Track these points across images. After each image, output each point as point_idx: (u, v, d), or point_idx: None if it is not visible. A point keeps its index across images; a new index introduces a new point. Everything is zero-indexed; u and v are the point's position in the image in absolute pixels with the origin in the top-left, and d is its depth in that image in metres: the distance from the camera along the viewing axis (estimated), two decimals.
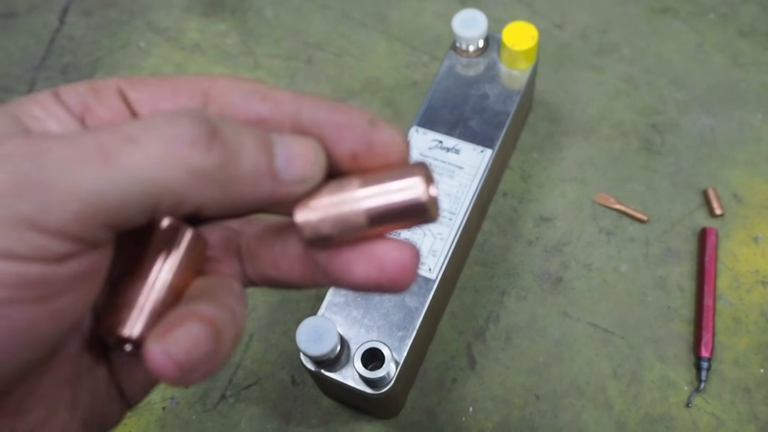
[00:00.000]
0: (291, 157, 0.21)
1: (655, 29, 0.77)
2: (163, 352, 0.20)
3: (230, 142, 0.20)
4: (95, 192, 0.18)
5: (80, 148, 0.19)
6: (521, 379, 0.61)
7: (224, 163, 0.20)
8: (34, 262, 0.18)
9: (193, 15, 0.81)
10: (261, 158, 0.21)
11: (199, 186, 0.19)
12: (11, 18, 0.81)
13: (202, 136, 0.19)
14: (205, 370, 0.21)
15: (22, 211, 0.18)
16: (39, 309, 0.19)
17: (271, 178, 0.21)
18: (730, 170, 0.69)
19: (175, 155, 0.19)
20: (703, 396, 0.60)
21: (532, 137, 0.72)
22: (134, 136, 0.19)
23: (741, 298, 0.64)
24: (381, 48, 0.78)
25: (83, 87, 0.22)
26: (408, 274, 0.23)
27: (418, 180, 0.21)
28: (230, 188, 0.20)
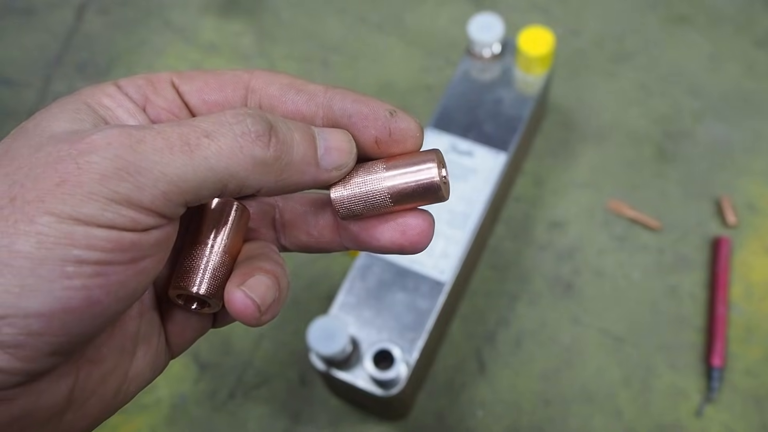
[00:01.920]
0: (329, 148, 0.25)
1: (671, 38, 0.77)
2: (244, 296, 0.25)
3: (284, 138, 0.24)
4: (179, 176, 0.22)
5: (168, 140, 0.22)
6: (531, 384, 0.61)
7: (280, 154, 0.24)
8: (127, 232, 0.22)
9: (209, 15, 0.81)
10: (307, 150, 0.25)
11: (259, 173, 0.24)
12: (30, 15, 0.82)
13: (263, 132, 0.23)
14: (273, 312, 0.25)
15: (121, 191, 0.22)
16: (128, 269, 0.22)
17: (314, 166, 0.25)
18: (744, 179, 0.69)
19: (242, 148, 0.23)
20: (714, 405, 0.60)
21: (546, 142, 0.72)
22: (210, 131, 0.23)
23: (754, 307, 0.63)
24: (396, 51, 0.78)
25: (142, 80, 0.26)
26: (426, 237, 0.26)
27: (433, 164, 0.25)
28: (283, 174, 0.24)
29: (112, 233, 0.22)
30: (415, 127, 0.26)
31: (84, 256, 0.21)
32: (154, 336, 0.27)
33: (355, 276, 0.57)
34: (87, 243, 0.21)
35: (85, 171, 0.21)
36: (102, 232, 0.21)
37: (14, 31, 0.81)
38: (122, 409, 0.27)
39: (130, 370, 0.26)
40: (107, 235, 0.22)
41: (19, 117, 0.76)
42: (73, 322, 0.22)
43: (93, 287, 0.22)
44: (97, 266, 0.22)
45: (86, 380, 0.24)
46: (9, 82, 0.78)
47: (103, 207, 0.21)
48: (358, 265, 0.57)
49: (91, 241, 0.21)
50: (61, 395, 0.23)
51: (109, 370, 0.25)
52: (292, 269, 0.66)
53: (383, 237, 0.26)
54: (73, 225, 0.21)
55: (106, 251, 0.22)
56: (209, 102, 0.26)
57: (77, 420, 0.25)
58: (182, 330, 0.28)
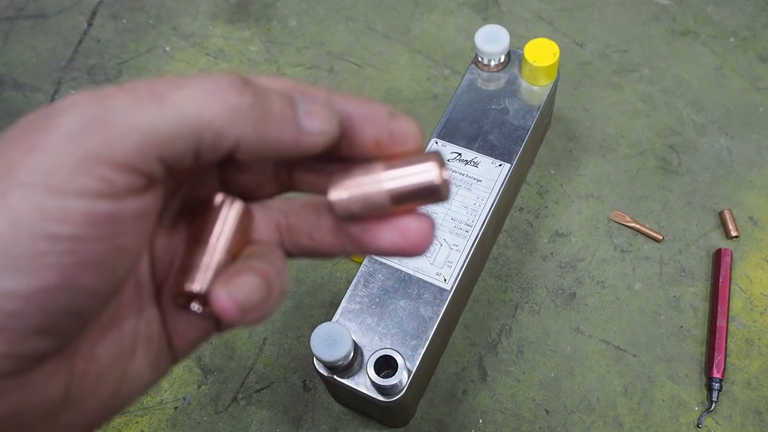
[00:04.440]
0: (310, 112, 0.24)
1: (676, 51, 0.78)
2: (227, 295, 0.24)
3: (260, 90, 0.24)
4: (150, 127, 0.22)
5: (136, 93, 0.22)
6: (532, 393, 0.62)
7: (255, 102, 0.23)
8: (102, 199, 0.21)
9: (218, 22, 0.82)
10: (286, 106, 0.24)
11: (235, 120, 0.23)
12: (41, 19, 0.83)
13: (236, 82, 0.23)
14: (259, 314, 0.25)
15: (89, 147, 0.21)
16: (104, 245, 0.22)
17: (294, 123, 0.24)
18: (747, 193, 0.69)
19: (215, 95, 0.23)
20: (714, 417, 0.60)
21: (550, 153, 0.72)
22: (181, 82, 0.23)
23: (754, 320, 0.64)
24: (403, 60, 0.79)
25: None
26: (426, 240, 0.26)
27: (433, 165, 0.25)
28: (261, 126, 0.23)
29: (85, 203, 0.21)
30: (415, 129, 0.26)
31: (57, 231, 0.21)
32: (155, 336, 0.27)
33: (358, 283, 0.57)
34: (60, 216, 0.21)
35: (52, 134, 0.21)
36: (75, 203, 0.21)
37: (25, 35, 0.82)
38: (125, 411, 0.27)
39: (129, 371, 0.26)
40: (81, 206, 0.21)
41: None
42: (52, 301, 0.21)
43: (68, 265, 0.21)
44: (72, 242, 0.21)
45: (82, 379, 0.24)
46: (20, 86, 0.79)
47: (74, 168, 0.21)
48: (361, 271, 0.58)
49: (65, 214, 0.21)
50: (55, 392, 0.23)
51: (106, 369, 0.25)
52: (295, 275, 0.67)
53: (383, 239, 0.26)
54: (45, 196, 0.21)
55: (79, 225, 0.21)
56: None
57: (74, 420, 0.24)
58: (184, 331, 0.28)
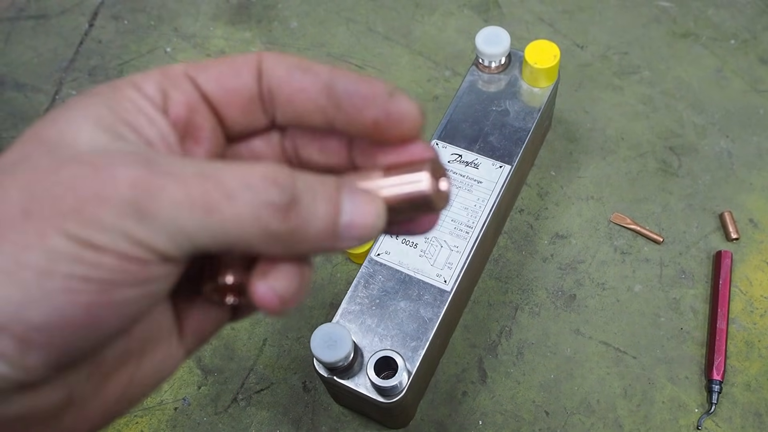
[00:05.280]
0: (353, 224, 0.24)
1: (676, 53, 0.78)
2: (269, 289, 0.24)
3: (305, 213, 0.24)
4: (193, 233, 0.22)
5: (189, 195, 0.22)
6: (532, 394, 0.62)
7: (295, 230, 0.23)
8: (133, 262, 0.22)
9: (219, 23, 0.82)
10: (328, 224, 0.24)
11: (269, 243, 0.23)
12: (42, 19, 0.83)
13: (284, 206, 0.23)
14: (296, 302, 0.25)
15: (134, 232, 0.22)
16: (135, 290, 0.23)
17: (331, 239, 0.24)
18: (747, 195, 0.70)
19: (259, 219, 0.23)
20: (714, 419, 0.60)
21: (551, 155, 0.72)
22: (232, 193, 0.23)
23: (754, 322, 0.64)
24: (404, 61, 0.79)
25: (158, 75, 0.26)
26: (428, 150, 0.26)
27: (425, 174, 0.24)
28: (296, 246, 0.24)
29: (119, 261, 0.22)
30: (413, 109, 0.25)
31: (91, 274, 0.22)
32: (164, 338, 0.27)
33: (358, 284, 0.57)
34: (93, 263, 0.22)
35: (102, 203, 0.22)
36: (110, 258, 0.22)
37: (27, 35, 0.82)
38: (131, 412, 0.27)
39: (137, 373, 0.26)
40: (114, 262, 0.22)
41: (31, 121, 0.76)
42: (73, 337, 0.22)
43: (97, 304, 0.22)
44: (102, 285, 0.22)
45: (86, 382, 0.24)
46: (21, 86, 0.79)
47: (114, 240, 0.22)
48: (361, 273, 0.58)
49: (99, 262, 0.22)
50: (59, 397, 0.23)
51: (111, 372, 0.25)
52: None
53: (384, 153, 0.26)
54: (83, 248, 0.21)
55: (114, 272, 0.22)
56: (228, 89, 0.26)
57: (77, 422, 0.25)
58: (199, 324, 0.28)
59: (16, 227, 0.21)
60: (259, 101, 0.26)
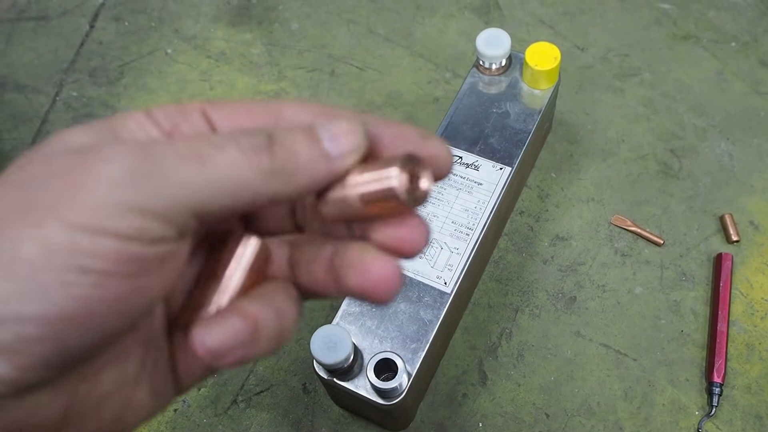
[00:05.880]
0: (335, 135, 0.25)
1: (677, 55, 0.78)
2: (199, 338, 0.24)
3: (286, 142, 0.24)
4: (192, 185, 0.22)
5: (178, 150, 0.23)
6: (532, 396, 0.62)
7: (285, 159, 0.24)
8: (132, 242, 0.22)
9: (220, 24, 0.82)
10: (312, 146, 0.24)
11: (270, 181, 0.24)
12: (43, 21, 0.83)
13: (265, 142, 0.24)
14: (238, 357, 0.24)
15: (131, 197, 0.22)
16: (129, 283, 0.22)
17: (324, 158, 0.24)
18: (748, 197, 0.69)
19: (249, 159, 0.23)
20: (714, 421, 0.60)
21: (551, 157, 0.72)
22: (219, 144, 0.23)
23: (755, 325, 0.64)
24: (404, 63, 0.79)
25: (172, 108, 0.27)
26: (390, 286, 0.25)
27: (396, 170, 0.24)
28: (295, 177, 0.24)
29: (118, 243, 0.22)
30: (446, 152, 0.26)
31: (87, 265, 0.21)
32: (161, 367, 0.27)
33: None
34: (91, 251, 0.21)
35: (97, 178, 0.22)
36: (108, 242, 0.22)
37: (27, 37, 0.82)
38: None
39: (132, 399, 0.26)
40: (113, 245, 0.22)
41: (31, 123, 0.77)
42: (69, 332, 0.22)
43: (93, 298, 0.22)
44: (100, 277, 0.22)
45: (84, 402, 0.24)
46: (21, 87, 0.79)
47: (112, 213, 0.22)
48: None
49: (96, 250, 0.21)
50: (55, 413, 0.23)
51: (109, 395, 0.25)
52: None
53: (349, 279, 0.25)
54: (80, 233, 0.21)
55: (109, 261, 0.22)
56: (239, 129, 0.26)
57: None
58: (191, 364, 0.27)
59: (12, 222, 0.21)
60: None
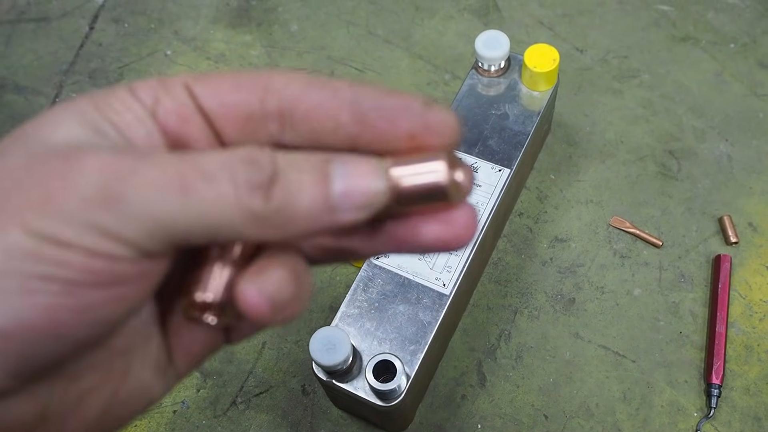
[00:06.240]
0: (350, 191, 0.22)
1: (676, 57, 0.78)
2: (257, 291, 0.22)
3: (290, 186, 0.22)
4: (168, 217, 0.21)
5: (163, 176, 0.21)
6: (531, 398, 0.62)
7: (280, 207, 0.21)
8: (100, 259, 0.20)
9: (219, 26, 0.82)
10: (317, 196, 0.22)
11: (256, 227, 0.21)
12: (43, 22, 0.83)
13: (264, 182, 0.21)
14: (291, 311, 0.23)
15: (102, 221, 0.20)
16: (100, 293, 0.21)
17: (327, 212, 0.22)
18: (746, 199, 0.70)
19: (239, 199, 0.21)
20: (713, 423, 0.60)
21: (550, 158, 0.72)
22: (209, 173, 0.21)
23: (753, 326, 0.64)
24: (403, 65, 0.79)
25: (154, 81, 0.24)
26: (470, 231, 0.23)
27: (441, 164, 0.22)
28: (287, 227, 0.22)
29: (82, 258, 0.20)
30: (453, 119, 0.23)
31: (51, 273, 0.20)
32: (153, 353, 0.25)
33: (357, 287, 0.57)
34: (56, 260, 0.20)
35: (69, 192, 0.20)
36: (72, 255, 0.20)
37: (27, 38, 0.82)
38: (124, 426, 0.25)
39: (120, 391, 0.24)
40: (79, 259, 0.20)
41: None
42: (36, 344, 0.20)
43: (58, 307, 0.20)
44: (65, 285, 0.20)
45: (62, 398, 0.23)
46: (21, 89, 0.79)
47: (79, 232, 0.20)
48: (360, 276, 0.58)
49: (61, 259, 0.20)
50: (31, 413, 0.22)
51: (90, 390, 0.24)
52: None
53: (426, 233, 0.23)
54: (45, 243, 0.20)
55: (76, 271, 0.20)
56: (225, 104, 0.24)
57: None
58: (189, 346, 0.26)
59: None
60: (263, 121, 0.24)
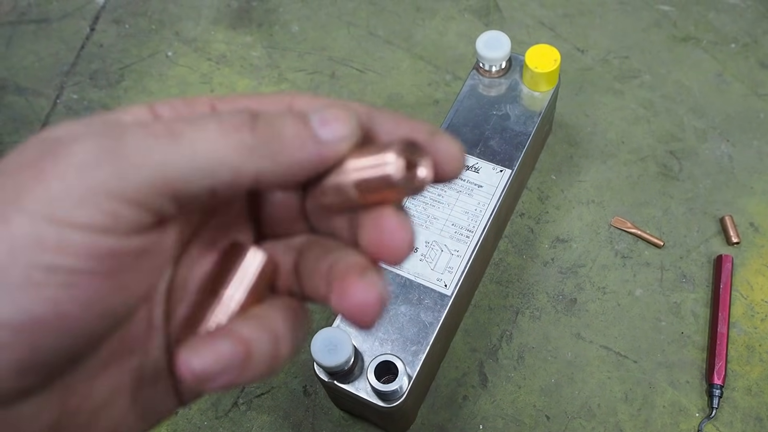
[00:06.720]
0: (325, 121, 0.23)
1: (676, 57, 0.78)
2: (187, 360, 0.22)
3: (270, 120, 0.23)
4: (164, 163, 0.21)
5: (152, 128, 0.21)
6: (532, 398, 0.62)
7: (268, 134, 0.22)
8: (106, 234, 0.20)
9: (220, 27, 0.82)
10: (299, 125, 0.23)
11: (250, 156, 0.22)
12: (44, 23, 0.83)
13: (246, 120, 0.22)
14: (224, 382, 0.22)
15: (100, 179, 0.20)
16: (105, 282, 0.21)
17: (311, 139, 0.23)
18: (748, 199, 0.69)
19: (228, 134, 0.22)
20: (714, 423, 0.60)
21: (551, 159, 0.72)
22: (195, 121, 0.22)
23: (755, 326, 0.64)
24: (404, 66, 0.79)
25: (179, 101, 0.25)
26: (370, 314, 0.24)
27: (392, 156, 0.23)
28: (279, 155, 0.22)
29: (88, 236, 0.20)
30: (457, 149, 0.24)
31: (55, 262, 0.20)
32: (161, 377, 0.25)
33: None
34: (59, 247, 0.20)
35: (62, 162, 0.20)
36: (77, 235, 0.20)
37: (28, 39, 0.82)
38: None
39: (130, 413, 0.24)
40: (82, 239, 0.20)
41: (32, 125, 0.77)
42: (43, 337, 0.20)
43: (63, 299, 0.20)
44: (70, 275, 0.20)
45: (75, 414, 0.23)
46: (22, 90, 0.79)
47: (80, 199, 0.20)
48: None
49: (65, 245, 0.20)
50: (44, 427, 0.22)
51: (103, 406, 0.24)
52: None
53: (334, 300, 0.24)
54: (46, 225, 0.20)
55: (79, 257, 0.20)
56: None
57: None
58: None
59: None
60: None
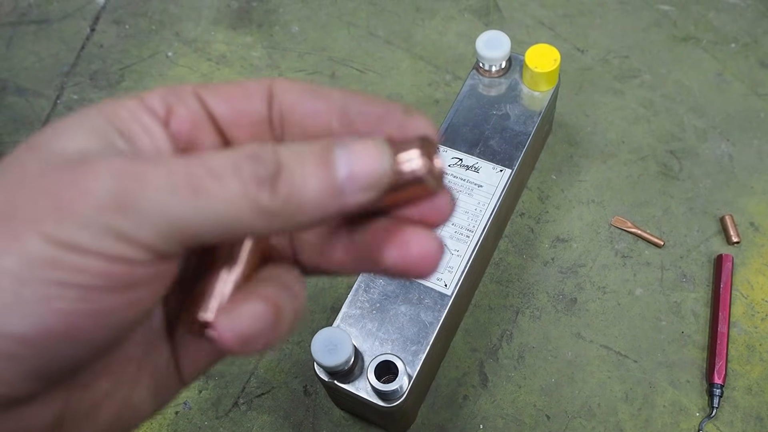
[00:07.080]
0: (353, 173, 0.23)
1: (676, 57, 0.78)
2: (228, 326, 0.23)
3: (294, 176, 0.22)
4: (180, 218, 0.21)
5: (172, 179, 0.21)
6: (533, 398, 0.62)
7: (289, 198, 0.22)
8: (116, 263, 0.21)
9: (220, 27, 0.82)
10: (322, 183, 0.22)
11: (267, 221, 0.22)
12: (44, 24, 0.83)
13: (269, 176, 0.22)
14: (265, 342, 0.23)
15: (118, 225, 0.21)
16: (118, 298, 0.22)
17: (335, 196, 0.23)
18: (748, 198, 0.69)
19: (247, 193, 0.22)
20: (715, 423, 0.60)
21: (551, 158, 0.72)
22: (217, 172, 0.22)
23: (755, 326, 0.64)
24: (404, 66, 0.79)
25: (164, 90, 0.25)
26: (430, 261, 0.24)
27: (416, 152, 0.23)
28: (296, 216, 0.22)
29: (99, 262, 0.21)
30: (427, 126, 0.25)
31: (69, 279, 0.21)
32: (162, 362, 0.26)
33: (359, 288, 0.57)
34: (74, 266, 0.21)
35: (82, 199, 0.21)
36: (89, 260, 0.21)
37: (28, 40, 0.82)
38: None
39: (132, 398, 0.25)
40: (96, 264, 0.21)
41: (32, 126, 0.77)
42: (54, 348, 0.21)
43: (77, 313, 0.21)
44: (83, 291, 0.21)
45: (78, 405, 0.24)
46: (22, 91, 0.79)
47: (96, 237, 0.21)
48: (362, 277, 0.58)
49: (79, 265, 0.21)
50: (48, 420, 0.23)
51: (104, 396, 0.24)
52: None
53: (387, 256, 0.24)
54: (62, 249, 0.21)
55: (93, 276, 0.21)
56: (236, 111, 0.25)
57: None
58: (195, 356, 0.27)
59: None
60: (269, 126, 0.26)
